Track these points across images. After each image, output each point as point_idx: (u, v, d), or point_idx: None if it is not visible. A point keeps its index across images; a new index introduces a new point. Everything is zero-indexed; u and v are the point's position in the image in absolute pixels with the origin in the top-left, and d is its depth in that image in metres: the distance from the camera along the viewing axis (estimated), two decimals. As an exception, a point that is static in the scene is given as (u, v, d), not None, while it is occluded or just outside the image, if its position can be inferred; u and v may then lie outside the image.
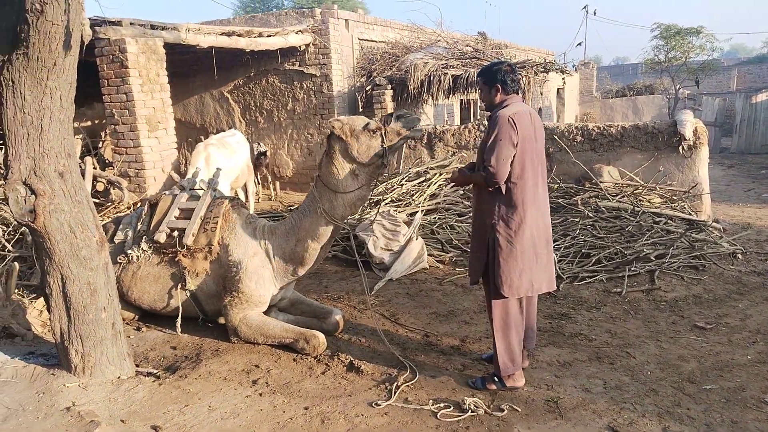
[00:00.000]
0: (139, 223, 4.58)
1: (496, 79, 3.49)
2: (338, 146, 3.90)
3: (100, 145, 10.68)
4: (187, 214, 4.42)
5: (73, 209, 3.48)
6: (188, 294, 4.35)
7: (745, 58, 43.22)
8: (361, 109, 10.83)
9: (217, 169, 5.08)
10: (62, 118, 3.44)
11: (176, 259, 4.32)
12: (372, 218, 6.47)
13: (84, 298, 3.54)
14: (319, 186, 4.02)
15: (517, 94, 3.56)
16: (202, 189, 4.69)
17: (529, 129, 3.41)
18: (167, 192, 4.81)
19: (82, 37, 3.52)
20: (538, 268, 3.49)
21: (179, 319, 4.37)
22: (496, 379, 3.60)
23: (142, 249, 4.42)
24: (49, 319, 3.65)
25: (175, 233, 4.35)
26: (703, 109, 20.17)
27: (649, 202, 7.36)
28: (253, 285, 4.14)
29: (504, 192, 3.38)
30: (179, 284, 4.34)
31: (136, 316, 4.72)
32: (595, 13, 31.07)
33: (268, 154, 10.23)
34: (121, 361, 3.76)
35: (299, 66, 10.73)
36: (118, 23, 7.21)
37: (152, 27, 7.64)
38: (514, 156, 3.33)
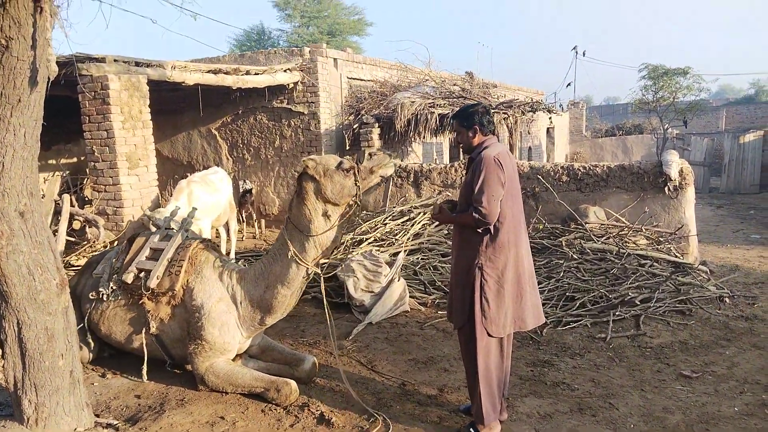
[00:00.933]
0: (114, 260, 4.44)
1: (474, 120, 3.50)
2: (311, 186, 3.79)
3: (84, 182, 10.56)
4: (157, 254, 4.28)
5: (32, 250, 3.34)
6: (154, 338, 4.19)
7: (733, 99, 43.96)
8: (348, 147, 10.80)
9: (193, 208, 4.96)
10: (26, 155, 3.33)
11: (140, 302, 4.17)
12: (353, 258, 6.34)
13: (40, 344, 3.37)
14: (289, 228, 3.90)
15: (493, 134, 3.57)
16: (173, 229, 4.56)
17: (511, 169, 3.44)
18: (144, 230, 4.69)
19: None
20: (522, 306, 3.45)
21: (144, 366, 4.21)
22: (471, 430, 3.48)
23: (112, 288, 4.28)
24: (2, 366, 3.48)
25: (142, 274, 4.21)
26: (691, 149, 20.34)
27: (634, 243, 7.27)
28: (216, 332, 3.98)
29: (492, 232, 3.36)
30: (144, 328, 4.18)
31: (92, 357, 4.58)
32: (584, 54, 31.69)
33: (253, 191, 10.15)
34: (78, 412, 3.57)
35: (287, 104, 10.73)
36: (102, 60, 7.18)
37: (137, 64, 7.61)
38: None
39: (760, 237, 10.52)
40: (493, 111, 3.66)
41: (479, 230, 3.36)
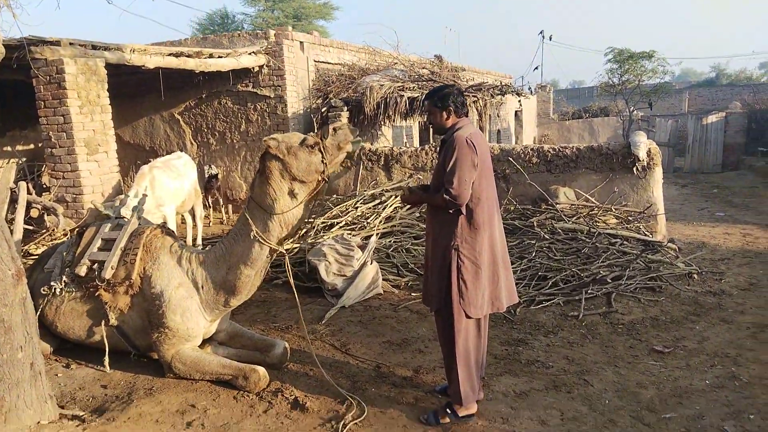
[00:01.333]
0: (65, 253, 4.26)
1: (448, 102, 3.44)
2: (275, 165, 3.66)
3: (42, 169, 10.20)
4: (109, 245, 4.11)
5: (-15, 240, 3.18)
6: (115, 330, 4.04)
7: (695, 82, 44.79)
8: (316, 131, 10.63)
9: (143, 195, 4.78)
10: (-26, 140, 3.15)
11: (96, 294, 4.01)
12: (325, 242, 6.24)
13: (-3, 336, 3.21)
14: (251, 207, 3.77)
15: (467, 116, 3.52)
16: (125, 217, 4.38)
17: (485, 150, 3.40)
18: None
19: None
20: (498, 287, 3.43)
21: (107, 357, 4.06)
22: (448, 411, 3.45)
23: (65, 281, 4.09)
24: (-42, 361, 3.30)
25: (96, 266, 4.04)
26: (656, 130, 20.67)
27: (605, 223, 7.32)
28: (178, 318, 3.85)
29: (465, 213, 3.31)
30: (103, 320, 4.02)
31: (52, 349, 4.40)
32: (551, 38, 31.84)
33: (219, 176, 9.92)
34: (41, 405, 3.43)
35: (253, 87, 10.49)
36: (57, 43, 6.87)
37: (94, 47, 7.31)
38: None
39: (724, 215, 10.74)
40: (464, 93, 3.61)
41: (450, 211, 3.32)
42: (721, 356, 4.33)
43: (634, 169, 7.71)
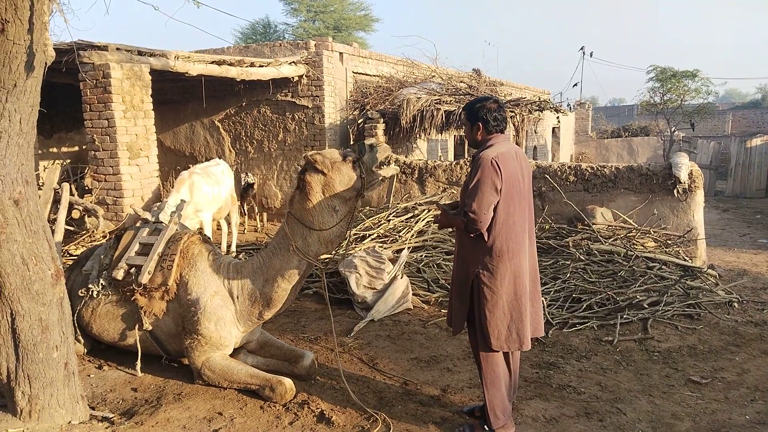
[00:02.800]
0: (103, 256, 4.34)
1: (478, 116, 3.32)
2: (317, 180, 3.68)
3: (86, 171, 10.47)
4: (147, 249, 4.17)
5: (27, 240, 3.25)
6: (148, 334, 4.09)
7: (740, 103, 43.72)
8: (352, 142, 10.70)
9: (182, 201, 4.84)
10: (21, 142, 3.23)
11: (133, 299, 4.07)
12: (356, 254, 6.24)
13: (35, 335, 3.29)
14: (291, 222, 3.80)
15: (502, 133, 3.36)
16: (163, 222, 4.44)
17: (514, 170, 3.21)
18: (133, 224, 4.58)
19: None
20: (524, 323, 3.26)
21: (139, 362, 4.12)
22: (486, 428, 3.39)
23: (102, 285, 4.17)
24: (-2, 357, 3.38)
25: (133, 270, 4.10)
26: (698, 152, 20.20)
27: (642, 246, 7.16)
28: (212, 327, 3.87)
29: (487, 239, 3.17)
30: (137, 324, 4.08)
31: (86, 350, 4.48)
32: (591, 55, 31.46)
33: (255, 186, 10.03)
34: (73, 405, 3.48)
35: (291, 97, 10.62)
36: (104, 48, 7.07)
37: (139, 53, 7.50)
38: (498, 202, 3.13)
39: (767, 241, 10.40)
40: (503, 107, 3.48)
41: (471, 235, 3.21)
42: (763, 390, 4.16)
43: (675, 191, 7.53)
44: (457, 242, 3.48)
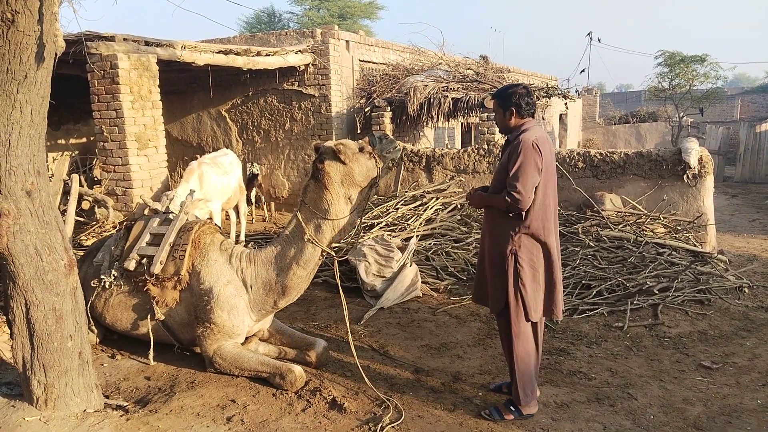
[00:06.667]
0: (113, 247, 4.36)
1: (511, 102, 3.41)
2: (335, 170, 3.69)
3: (94, 162, 10.51)
4: (158, 239, 4.19)
5: (40, 230, 3.27)
6: (160, 323, 4.12)
7: (749, 88, 43.24)
8: (359, 131, 10.68)
9: (191, 191, 4.86)
10: (32, 133, 3.24)
11: (145, 289, 4.09)
12: (365, 243, 6.25)
13: (49, 325, 3.32)
14: (304, 211, 3.81)
15: (533, 117, 3.47)
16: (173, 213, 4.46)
17: (550, 155, 3.36)
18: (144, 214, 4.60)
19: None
20: (555, 295, 3.46)
21: (151, 351, 4.15)
22: (512, 408, 3.50)
23: (113, 275, 4.19)
24: (11, 346, 3.42)
25: (144, 260, 4.12)
26: (706, 137, 20.02)
27: (652, 231, 7.13)
28: (225, 315, 3.90)
29: (525, 218, 3.30)
30: (149, 314, 4.11)
31: (99, 340, 4.52)
32: (599, 41, 31.18)
33: (260, 177, 10.00)
34: (87, 393, 3.52)
35: (298, 86, 10.60)
36: (111, 38, 7.07)
37: (146, 43, 7.50)
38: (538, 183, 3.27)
39: (777, 227, 10.34)
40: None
41: (510, 215, 3.31)
42: (774, 375, 4.16)
43: (685, 176, 7.49)
44: (488, 222, 3.54)
